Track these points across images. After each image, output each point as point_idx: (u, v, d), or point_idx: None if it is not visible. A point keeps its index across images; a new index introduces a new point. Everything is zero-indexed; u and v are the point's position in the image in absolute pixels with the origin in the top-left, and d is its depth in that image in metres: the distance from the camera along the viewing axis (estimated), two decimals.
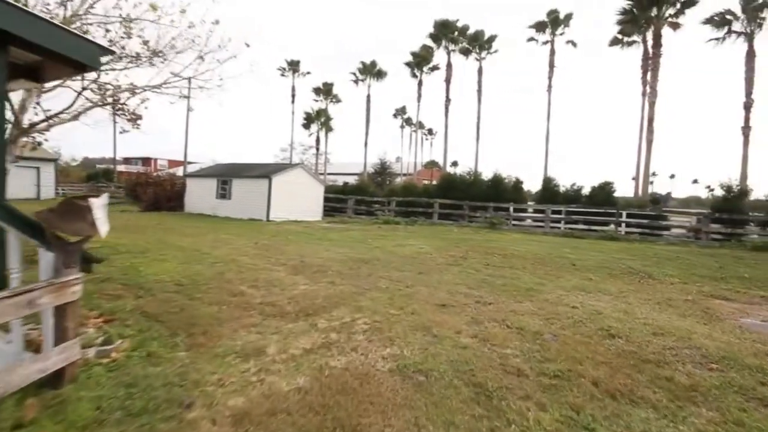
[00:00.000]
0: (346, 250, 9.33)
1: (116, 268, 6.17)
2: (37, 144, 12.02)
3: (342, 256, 8.42)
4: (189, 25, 11.96)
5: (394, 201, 21.62)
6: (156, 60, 12.84)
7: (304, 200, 19.91)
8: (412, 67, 35.93)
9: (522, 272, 7.36)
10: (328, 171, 42.30)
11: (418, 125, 40.64)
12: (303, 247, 9.54)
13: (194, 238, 10.35)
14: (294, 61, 40.93)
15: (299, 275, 6.49)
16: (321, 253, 8.83)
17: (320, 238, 11.71)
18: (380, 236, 12.98)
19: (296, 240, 11.03)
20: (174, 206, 21.38)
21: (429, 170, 52.42)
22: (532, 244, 11.81)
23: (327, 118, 39.84)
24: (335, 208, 22.98)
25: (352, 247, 10.09)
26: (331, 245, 10.20)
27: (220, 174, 20.38)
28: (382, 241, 11.61)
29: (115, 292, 4.92)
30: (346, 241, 11.39)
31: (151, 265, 6.43)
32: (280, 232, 12.87)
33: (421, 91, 36.64)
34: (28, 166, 26.20)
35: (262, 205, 18.09)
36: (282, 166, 19.89)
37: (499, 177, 21.22)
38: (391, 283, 6.07)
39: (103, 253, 7.36)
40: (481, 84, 32.24)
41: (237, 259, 7.58)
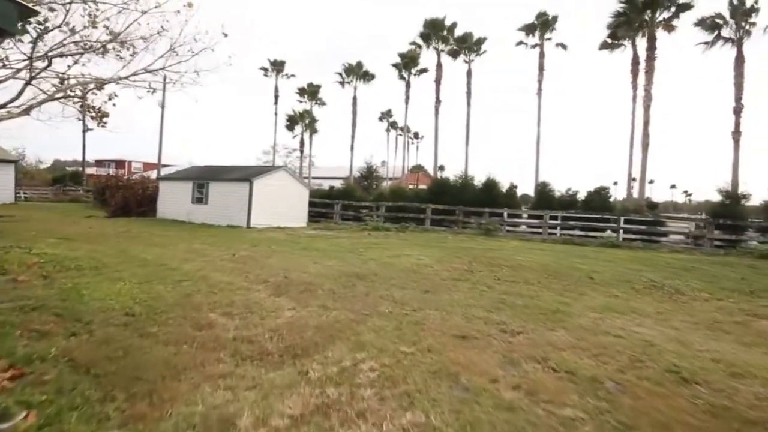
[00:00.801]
0: (336, 263, 8.29)
1: (56, 290, 4.99)
2: None
3: (333, 271, 7.39)
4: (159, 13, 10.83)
5: (384, 206, 20.65)
6: (124, 53, 11.64)
7: (287, 205, 18.73)
8: (400, 68, 35.19)
9: (539, 288, 6.48)
10: (312, 175, 41.05)
11: (406, 129, 39.91)
12: (287, 260, 8.46)
13: (162, 249, 9.12)
14: (278, 61, 39.66)
15: (283, 296, 5.43)
16: (308, 266, 7.77)
17: (306, 248, 10.63)
18: (372, 245, 11.97)
19: (280, 250, 9.92)
20: (145, 211, 19.85)
21: (415, 174, 51.79)
22: (536, 252, 11.02)
23: (312, 120, 38.63)
24: (321, 213, 21.85)
25: (343, 258, 9.06)
26: (320, 256, 9.14)
27: (196, 177, 19.01)
28: (376, 250, 10.61)
29: (43, 327, 3.77)
30: (336, 250, 10.35)
31: (101, 287, 5.26)
32: (262, 241, 11.72)
33: (409, 93, 35.95)
34: None
35: (242, 211, 16.83)
36: (264, 169, 18.70)
37: (492, 181, 20.54)
38: (394, 306, 5.08)
39: (46, 270, 6.14)
40: (470, 86, 31.77)
41: (209, 275, 6.45)
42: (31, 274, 5.78)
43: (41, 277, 5.68)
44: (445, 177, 23.00)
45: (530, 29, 27.28)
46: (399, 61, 35.20)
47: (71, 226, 13.50)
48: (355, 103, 38.58)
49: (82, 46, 10.87)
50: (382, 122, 56.52)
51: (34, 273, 5.83)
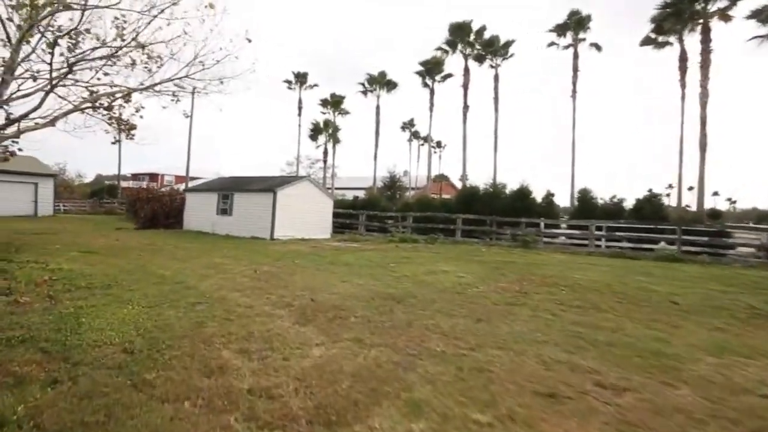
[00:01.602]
0: (366, 281, 7.42)
1: (53, 317, 4.33)
2: (9, 154, 10.43)
3: (364, 291, 6.52)
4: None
5: (411, 217, 19.72)
6: (152, 64, 11.38)
7: (311, 216, 18.12)
8: (423, 75, 34.41)
9: (616, 317, 5.37)
10: (335, 185, 40.70)
11: (429, 137, 38.98)
12: (313, 277, 7.65)
13: (182, 264, 8.53)
14: (301, 73, 39.83)
15: (310, 325, 4.59)
16: (336, 285, 6.93)
17: (332, 262, 9.82)
18: (403, 259, 11.05)
19: (304, 265, 9.15)
20: (172, 223, 19.73)
21: (438, 184, 50.73)
22: (589, 268, 9.79)
23: (335, 129, 38.35)
24: (345, 224, 21.14)
25: (374, 274, 8.18)
26: (348, 273, 8.30)
27: (220, 188, 18.73)
28: (408, 265, 9.68)
29: (23, 370, 3.06)
30: (364, 266, 9.49)
31: (104, 312, 4.58)
32: (286, 255, 11.02)
33: (433, 100, 35.09)
34: (25, 181, 24.87)
35: (265, 222, 16.31)
36: (288, 179, 18.22)
37: (525, 189, 19.28)
38: (446, 342, 4.14)
39: (54, 289, 5.57)
40: (497, 91, 30.55)
41: (227, 296, 5.71)
42: (36, 294, 5.20)
43: (46, 298, 5.09)
44: (474, 185, 21.81)
45: (562, 29, 25.99)
46: (422, 69, 34.51)
47: (99, 239, 13.28)
48: (379, 112, 38.08)
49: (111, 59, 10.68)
50: (405, 132, 55.92)
51: (39, 293, 5.26)
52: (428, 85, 35.24)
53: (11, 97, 8.97)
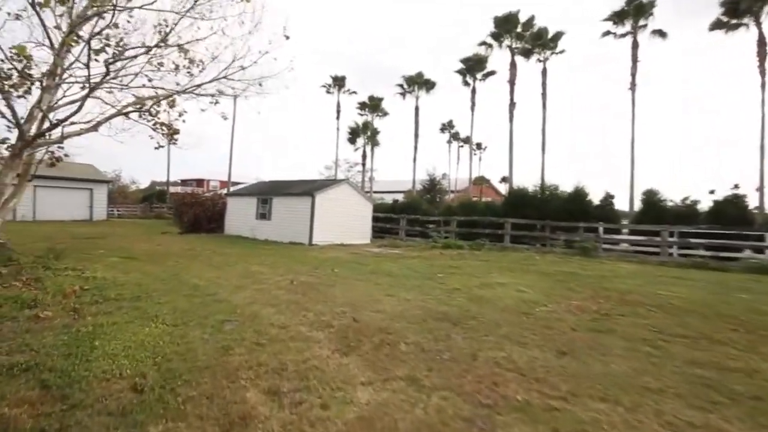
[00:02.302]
0: (414, 295, 6.59)
1: (68, 337, 3.87)
2: (56, 159, 10.63)
3: (413, 308, 5.69)
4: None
5: (455, 221, 18.65)
6: (194, 69, 11.29)
7: (350, 221, 17.57)
8: (464, 74, 33.21)
9: (740, 352, 4.17)
10: (374, 189, 40.24)
11: (471, 138, 37.58)
12: (354, 289, 6.93)
13: (218, 272, 8.12)
14: (339, 77, 39.83)
15: (352, 354, 3.83)
16: (381, 300, 6.15)
17: (375, 272, 9.07)
18: (450, 268, 10.11)
19: (344, 274, 8.47)
20: (214, 227, 19.93)
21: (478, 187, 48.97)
22: (673, 283, 8.36)
23: (373, 132, 37.92)
24: (384, 228, 20.43)
25: (421, 287, 7.34)
26: (392, 284, 7.51)
27: (260, 192, 18.66)
28: (458, 276, 8.75)
29: (10, 413, 2.51)
30: (410, 276, 8.66)
31: (124, 332, 4.07)
32: (324, 262, 10.42)
33: (474, 99, 33.74)
34: (81, 187, 26.39)
35: (304, 227, 15.93)
36: (326, 183, 17.81)
37: (581, 191, 17.66)
38: (527, 388, 3.21)
39: (81, 301, 5.21)
40: (545, 87, 28.75)
41: (260, 313, 5.09)
42: (61, 307, 4.84)
43: (70, 312, 4.70)
44: (522, 187, 20.36)
45: (620, 17, 23.88)
46: (462, 67, 33.31)
47: (142, 243, 13.42)
48: (417, 113, 37.25)
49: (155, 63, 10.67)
50: (443, 133, 54.61)
51: (64, 306, 4.89)
52: (469, 83, 34.03)
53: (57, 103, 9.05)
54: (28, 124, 8.24)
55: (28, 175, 9.45)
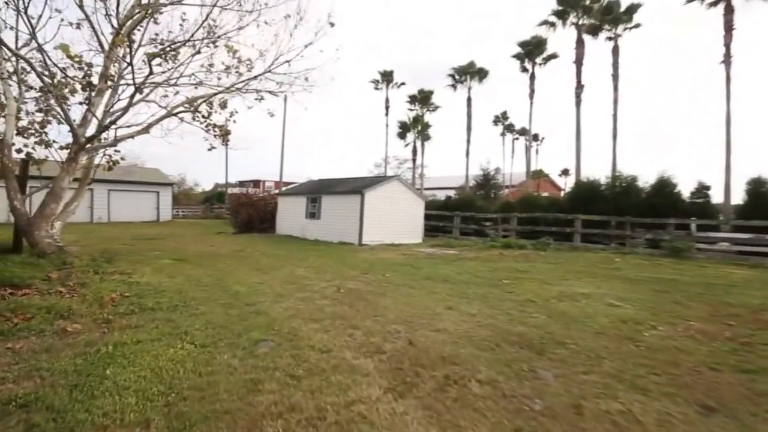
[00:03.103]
0: (480, 307, 5.56)
1: (85, 360, 3.39)
2: (113, 163, 10.88)
3: (480, 326, 4.68)
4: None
5: (514, 218, 17.09)
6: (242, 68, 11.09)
7: (402, 219, 16.72)
8: (522, 58, 30.88)
9: None
10: (425, 185, 39.09)
11: (530, 129, 35.05)
12: (408, 300, 6.04)
13: (262, 276, 7.65)
14: (387, 71, 39.07)
15: (409, 396, 2.94)
16: (439, 314, 5.21)
17: (430, 277, 8.12)
18: (517, 272, 8.88)
19: (396, 281, 7.62)
20: (266, 227, 20.10)
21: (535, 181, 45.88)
22: None
23: (424, 125, 36.66)
24: (437, 227, 19.34)
25: (486, 297, 6.27)
26: (452, 293, 6.52)
27: (309, 191, 18.41)
28: (528, 283, 7.54)
29: None
30: (471, 282, 7.60)
31: (144, 355, 3.52)
32: (374, 265, 9.66)
33: (533, 86, 31.29)
34: (149, 190, 28.15)
35: (353, 226, 15.34)
36: (376, 180, 17.10)
37: (667, 182, 15.28)
38: None
39: (116, 311, 4.85)
40: (617, 67, 25.69)
41: (300, 331, 4.37)
42: (92, 319, 4.47)
43: (100, 325, 4.32)
44: (593, 179, 18.17)
45: None
46: (520, 51, 31.02)
47: (196, 244, 13.60)
48: (470, 104, 35.40)
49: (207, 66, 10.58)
50: (497, 126, 51.95)
51: (96, 318, 4.53)
52: (527, 69, 31.65)
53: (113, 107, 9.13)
54: (82, 128, 8.31)
55: (87, 179, 9.66)
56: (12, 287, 5.66)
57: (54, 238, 8.14)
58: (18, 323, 4.08)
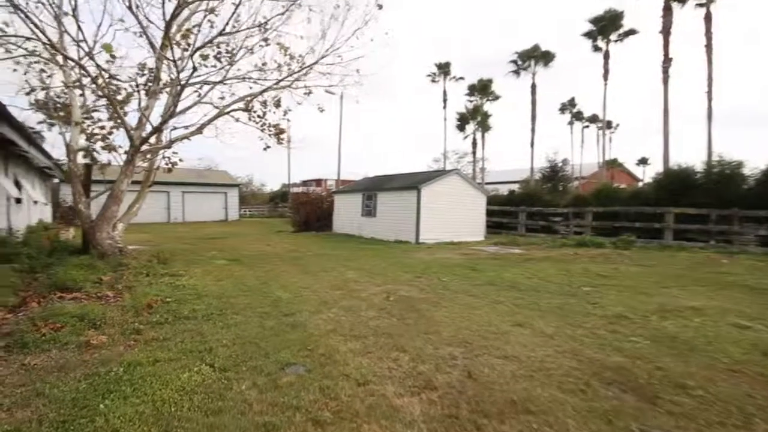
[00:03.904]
0: (557, 324, 4.48)
1: (89, 384, 3.01)
2: (172, 164, 11.21)
3: (560, 353, 3.65)
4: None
5: (589, 212, 15.13)
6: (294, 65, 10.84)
7: (461, 215, 15.60)
8: (594, 36, 27.77)
9: None
10: (486, 180, 37.10)
11: (603, 115, 31.55)
12: (467, 311, 5.12)
13: (310, 280, 7.18)
14: (444, 63, 37.56)
15: None
16: (506, 333, 4.23)
17: (493, 282, 7.08)
18: (598, 276, 7.50)
19: (454, 286, 6.71)
20: (323, 225, 20.08)
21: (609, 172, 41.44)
22: None
23: (483, 116, 34.66)
24: (500, 223, 17.89)
25: (563, 310, 5.14)
26: (519, 303, 5.47)
27: (364, 188, 17.96)
28: (615, 292, 6.20)
29: None
30: (542, 288, 6.44)
31: (154, 381, 3.05)
32: (430, 267, 8.79)
33: (608, 65, 28.01)
34: (217, 191, 29.83)
35: (409, 224, 14.56)
36: (433, 174, 16.14)
37: None
38: None
39: (150, 320, 4.57)
40: (710, 37, 21.96)
41: (337, 352, 3.69)
42: (121, 330, 4.20)
43: (127, 336, 4.02)
44: (686, 166, 15.46)
45: None
46: (592, 28, 27.92)
47: (253, 244, 13.75)
48: (534, 91, 32.74)
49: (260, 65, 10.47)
50: (563, 114, 47.89)
51: (126, 328, 4.25)
52: (600, 48, 28.48)
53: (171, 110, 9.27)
54: (138, 131, 8.46)
55: (148, 181, 9.94)
56: (63, 291, 5.72)
57: (115, 239, 8.40)
58: (45, 333, 3.89)
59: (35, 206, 14.50)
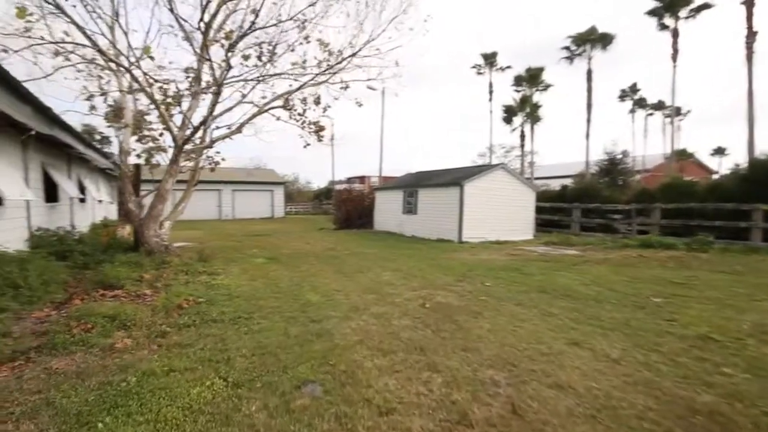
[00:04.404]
0: (623, 345, 3.76)
1: (95, 398, 2.85)
2: (215, 164, 11.46)
3: (632, 387, 2.99)
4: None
5: (657, 209, 13.55)
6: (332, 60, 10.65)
7: (508, 213, 14.66)
8: (660, 13, 25.02)
9: None
10: (535, 175, 35.08)
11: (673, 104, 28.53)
12: (513, 325, 4.52)
13: (344, 282, 6.89)
14: (490, 54, 35.90)
15: None
16: (559, 354, 3.61)
17: (543, 288, 6.35)
18: (671, 285, 6.49)
19: (498, 292, 6.08)
20: (364, 223, 19.91)
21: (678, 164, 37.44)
22: None
23: (533, 107, 32.69)
24: (551, 221, 16.64)
25: (630, 326, 4.36)
26: (575, 316, 4.76)
27: (405, 185, 17.49)
28: (695, 304, 5.26)
29: None
30: (602, 298, 5.63)
31: (160, 395, 2.85)
32: (473, 269, 8.18)
33: (677, 44, 25.13)
34: (264, 189, 30.79)
35: (452, 222, 13.91)
36: (477, 170, 15.30)
37: None
38: None
39: (178, 323, 4.48)
40: None
41: (361, 369, 3.30)
42: (147, 333, 4.11)
43: (151, 340, 3.92)
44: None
45: None
46: (658, 4, 25.23)
47: (294, 241, 13.80)
48: (590, 78, 30.26)
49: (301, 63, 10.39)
50: (623, 102, 44.08)
51: (152, 331, 4.17)
52: (667, 26, 25.67)
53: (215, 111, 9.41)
54: (181, 132, 8.63)
55: (194, 180, 10.19)
56: (107, 288, 5.87)
57: (162, 237, 8.66)
58: (76, 335, 3.88)
59: (100, 205, 15.63)
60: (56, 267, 6.34)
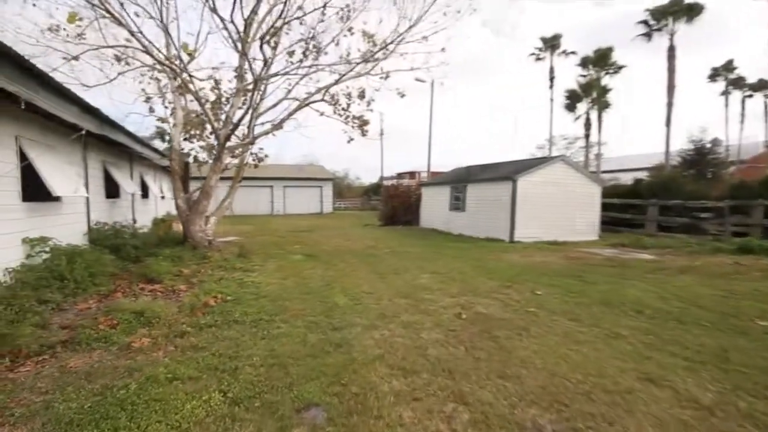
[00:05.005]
0: (721, 390, 2.92)
1: (92, 404, 2.70)
2: (259, 160, 11.58)
3: None
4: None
5: (759, 207, 11.48)
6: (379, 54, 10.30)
7: (568, 209, 13.32)
8: None
9: None
10: (602, 168, 31.99)
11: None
12: (566, 344, 3.78)
13: (377, 284, 6.47)
14: (552, 36, 33.18)
15: None
16: (629, 396, 2.86)
17: (608, 302, 5.42)
18: None
19: (551, 304, 5.28)
20: (410, 219, 19.40)
21: None
22: None
23: (601, 91, 29.68)
24: (620, 219, 14.89)
25: (728, 361, 3.44)
26: (650, 341, 3.89)
27: (453, 180, 16.65)
28: None
29: None
30: (687, 318, 4.63)
31: (155, 407, 2.61)
32: (522, 274, 7.34)
33: None
34: (313, 185, 31.37)
35: (503, 220, 12.91)
36: (532, 163, 14.06)
37: None
38: None
39: (201, 323, 4.35)
40: None
41: (375, 392, 2.84)
42: (167, 333, 4.00)
43: (169, 341, 3.80)
44: None
45: None
46: None
47: (336, 238, 13.63)
48: (672, 56, 26.70)
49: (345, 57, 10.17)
50: (714, 82, 38.59)
51: (173, 331, 4.05)
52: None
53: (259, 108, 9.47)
54: (224, 129, 8.73)
55: (238, 177, 10.36)
56: (147, 281, 6.00)
57: (206, 232, 8.86)
58: (101, 331, 3.86)
59: (163, 201, 16.73)
60: (106, 260, 6.61)
